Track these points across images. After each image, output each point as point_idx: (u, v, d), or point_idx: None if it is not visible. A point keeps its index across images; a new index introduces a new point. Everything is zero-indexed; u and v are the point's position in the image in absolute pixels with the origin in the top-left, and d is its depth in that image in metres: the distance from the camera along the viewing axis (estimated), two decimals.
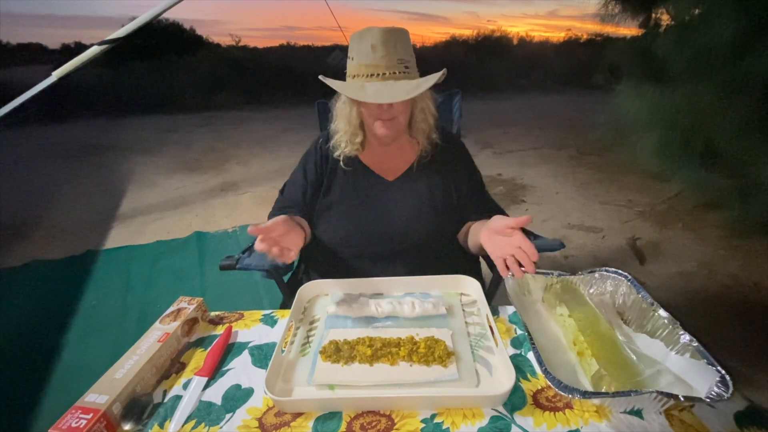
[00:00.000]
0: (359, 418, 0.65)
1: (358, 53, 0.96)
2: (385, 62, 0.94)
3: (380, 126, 1.01)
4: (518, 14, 68.90)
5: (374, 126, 1.02)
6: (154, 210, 3.51)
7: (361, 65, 0.95)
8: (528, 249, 0.80)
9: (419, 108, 1.06)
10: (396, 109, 0.99)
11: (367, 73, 0.94)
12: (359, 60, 0.96)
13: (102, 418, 0.62)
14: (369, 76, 0.94)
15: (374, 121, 1.01)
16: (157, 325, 0.83)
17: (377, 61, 0.94)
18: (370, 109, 1.00)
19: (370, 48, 0.93)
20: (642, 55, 3.01)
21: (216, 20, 34.34)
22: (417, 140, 1.12)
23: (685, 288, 2.26)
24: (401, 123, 1.03)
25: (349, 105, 1.05)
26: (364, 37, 0.95)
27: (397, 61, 0.95)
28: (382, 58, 0.93)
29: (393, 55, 0.94)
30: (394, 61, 0.94)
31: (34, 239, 3.01)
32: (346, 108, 1.06)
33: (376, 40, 0.93)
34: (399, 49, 0.95)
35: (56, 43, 18.01)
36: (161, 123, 6.95)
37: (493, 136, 5.55)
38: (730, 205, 2.62)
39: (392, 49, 0.94)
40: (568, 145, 5.08)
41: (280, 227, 0.86)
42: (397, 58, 0.95)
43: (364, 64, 0.95)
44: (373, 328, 0.83)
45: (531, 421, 0.63)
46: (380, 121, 1.00)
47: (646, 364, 0.68)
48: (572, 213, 3.27)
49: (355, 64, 0.97)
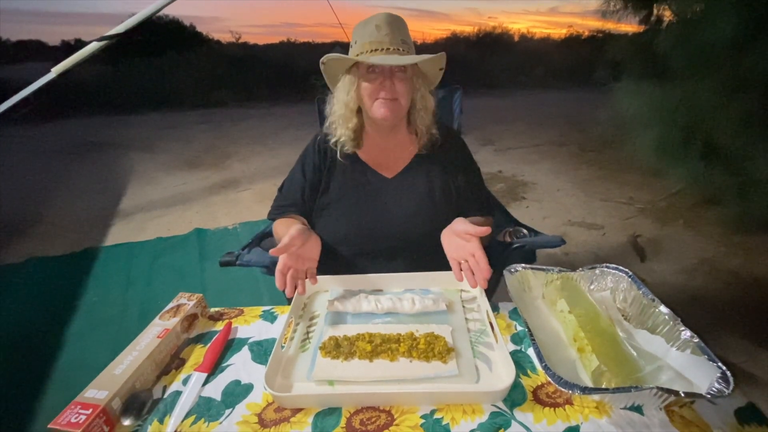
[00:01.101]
0: (359, 414, 0.65)
1: (362, 35, 0.99)
2: (389, 39, 0.97)
3: (380, 105, 1.00)
4: (519, 11, 68.71)
5: (373, 107, 1.01)
6: (154, 207, 3.51)
7: (365, 43, 0.97)
8: (480, 259, 0.82)
9: (419, 95, 1.05)
10: (398, 88, 0.99)
11: (371, 48, 0.96)
12: (363, 40, 0.98)
13: (101, 414, 0.62)
14: (373, 51, 0.96)
15: (373, 102, 1.01)
16: (156, 321, 0.83)
17: (381, 38, 0.96)
18: (370, 87, 1.00)
19: (375, 28, 0.97)
20: (643, 51, 3.00)
21: (216, 17, 34.36)
22: (416, 134, 1.11)
23: (686, 285, 2.26)
24: (402, 106, 1.03)
25: (347, 87, 1.03)
26: (368, 22, 0.99)
27: (400, 40, 0.98)
28: (386, 36, 0.97)
29: (396, 35, 0.98)
30: (397, 40, 0.98)
31: (34, 236, 3.01)
32: (343, 90, 1.04)
33: (381, 21, 0.98)
34: (402, 31, 1.00)
35: (56, 40, 17.99)
36: (161, 120, 6.94)
37: (493, 132, 5.53)
38: (730, 202, 2.62)
39: (396, 29, 0.98)
40: (569, 142, 5.07)
41: (297, 240, 0.88)
42: (400, 38, 0.98)
43: (368, 41, 0.97)
44: (373, 324, 0.83)
45: (531, 417, 0.63)
46: (380, 100, 1.00)
47: (647, 360, 0.68)
48: (573, 210, 3.26)
49: (358, 45, 0.98)
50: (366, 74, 1.00)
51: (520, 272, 0.89)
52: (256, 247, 1.24)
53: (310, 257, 0.91)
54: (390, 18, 0.99)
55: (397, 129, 1.10)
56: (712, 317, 1.97)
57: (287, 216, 1.13)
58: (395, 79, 0.99)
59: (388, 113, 1.01)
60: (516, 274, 0.88)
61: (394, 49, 0.96)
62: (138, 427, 0.65)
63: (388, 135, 1.11)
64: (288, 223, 1.08)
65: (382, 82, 0.99)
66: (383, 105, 1.00)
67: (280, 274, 0.83)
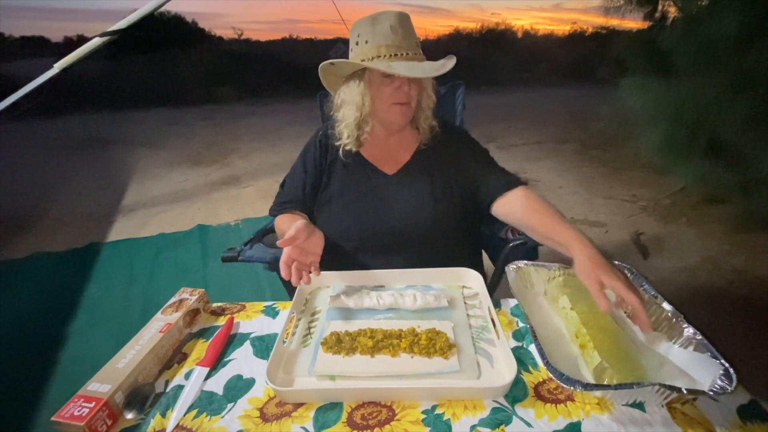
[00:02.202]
0: (360, 409, 0.65)
1: (374, 35, 0.94)
2: (406, 43, 0.94)
3: (396, 111, 1.00)
4: (523, 7, 68.28)
5: (390, 112, 1.00)
6: (156, 203, 3.52)
7: (381, 46, 0.93)
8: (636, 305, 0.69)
9: (426, 94, 1.05)
10: (412, 93, 0.98)
11: (390, 53, 0.93)
12: (377, 41, 0.93)
13: (104, 407, 0.62)
14: (393, 56, 0.93)
15: (390, 107, 1.00)
16: (159, 315, 0.83)
17: (398, 42, 0.93)
18: (386, 93, 0.98)
19: (390, 29, 0.93)
20: (647, 48, 2.99)
21: (218, 13, 34.29)
22: (418, 129, 1.11)
23: (689, 283, 2.25)
24: (413, 109, 1.03)
25: (362, 92, 1.00)
26: (378, 20, 0.94)
27: (415, 43, 0.95)
28: (404, 39, 0.93)
29: (411, 38, 0.95)
30: (413, 43, 0.95)
31: (37, 232, 3.03)
32: (356, 95, 1.00)
33: (395, 22, 0.93)
34: (413, 32, 0.97)
35: (59, 36, 17.99)
36: (164, 116, 6.95)
37: (496, 129, 5.51)
38: (734, 200, 2.61)
39: (409, 31, 0.95)
40: (572, 139, 5.04)
41: (302, 233, 0.87)
42: (414, 40, 0.95)
43: (385, 44, 0.93)
44: (375, 320, 0.83)
45: (532, 412, 0.63)
46: (398, 105, 0.99)
47: (648, 356, 0.68)
48: (576, 207, 3.25)
49: (372, 47, 0.94)
50: (382, 79, 0.97)
51: (522, 269, 0.88)
52: (258, 243, 1.24)
53: (314, 251, 0.90)
54: (402, 18, 0.94)
55: (402, 127, 1.10)
56: (715, 315, 1.96)
57: (289, 212, 1.13)
58: (412, 84, 0.98)
59: (402, 117, 1.01)
60: (518, 271, 0.88)
61: (413, 54, 0.94)
62: (140, 421, 0.65)
63: (392, 134, 1.11)
64: (290, 218, 1.08)
65: (399, 87, 0.97)
66: (399, 110, 1.00)
67: (285, 265, 0.83)
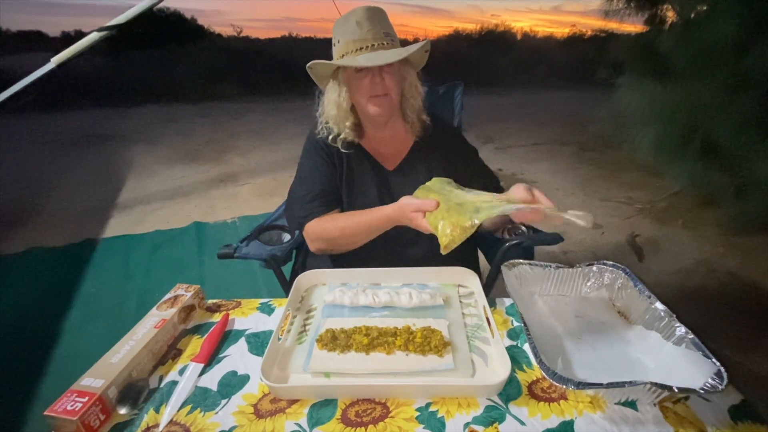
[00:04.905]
0: (354, 406, 0.65)
1: (344, 33, 0.97)
2: (372, 35, 0.95)
3: (373, 104, 1.01)
4: (522, 9, 68.52)
5: (367, 106, 1.02)
6: (153, 199, 3.50)
7: (348, 42, 0.96)
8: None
9: (408, 83, 1.05)
10: (387, 83, 0.99)
11: (356, 47, 0.95)
12: (345, 39, 0.96)
13: (97, 402, 0.62)
14: (358, 50, 0.95)
15: (366, 100, 1.01)
16: (153, 311, 0.83)
17: (364, 35, 0.95)
18: (361, 87, 0.99)
19: (355, 24, 0.95)
20: (645, 51, 3.00)
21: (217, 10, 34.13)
22: (411, 124, 1.11)
23: (684, 285, 2.26)
24: (394, 100, 1.03)
25: (337, 88, 1.03)
26: (347, 19, 0.97)
27: (383, 34, 0.97)
28: (368, 32, 0.95)
29: (378, 29, 0.96)
30: (380, 34, 0.96)
31: (34, 227, 3.01)
32: (334, 92, 1.04)
33: (360, 17, 0.96)
34: (383, 24, 0.98)
35: (56, 30, 17.84)
36: (161, 113, 6.91)
37: (494, 130, 5.53)
38: (728, 203, 2.62)
39: (377, 24, 0.96)
40: (569, 141, 5.06)
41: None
42: (383, 31, 0.97)
43: (351, 40, 0.95)
44: (370, 317, 0.83)
45: (526, 411, 0.63)
46: (373, 97, 1.00)
47: (482, 202, 0.75)
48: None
49: (342, 45, 0.97)
50: (354, 74, 1.00)
51: (518, 268, 0.89)
52: (255, 240, 1.24)
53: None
54: (369, 12, 0.97)
55: (393, 121, 1.11)
56: (709, 317, 1.98)
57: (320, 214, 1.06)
58: (384, 74, 0.98)
59: (382, 110, 1.02)
60: (514, 270, 0.89)
61: (379, 45, 0.95)
62: (134, 416, 0.65)
63: (384, 128, 1.11)
64: (338, 215, 1.05)
65: (371, 79, 0.98)
66: (375, 102, 1.01)
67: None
